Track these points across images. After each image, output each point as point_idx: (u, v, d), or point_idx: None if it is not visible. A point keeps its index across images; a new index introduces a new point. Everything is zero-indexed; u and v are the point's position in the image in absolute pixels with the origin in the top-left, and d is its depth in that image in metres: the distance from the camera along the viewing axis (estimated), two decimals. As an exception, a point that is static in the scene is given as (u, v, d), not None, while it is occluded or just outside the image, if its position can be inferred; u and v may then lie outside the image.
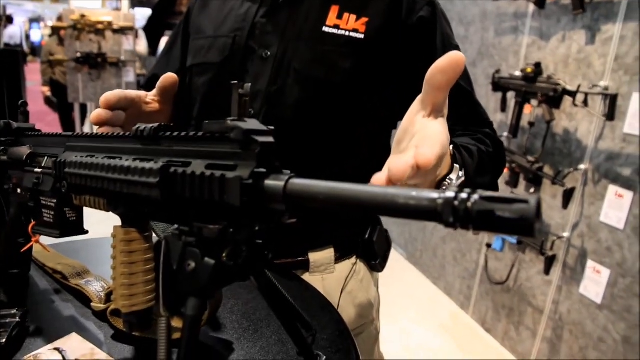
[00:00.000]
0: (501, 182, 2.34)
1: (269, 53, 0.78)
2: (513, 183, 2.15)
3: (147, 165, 0.36)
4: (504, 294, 2.33)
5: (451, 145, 0.58)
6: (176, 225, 0.36)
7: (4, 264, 0.62)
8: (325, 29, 0.77)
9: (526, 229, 0.22)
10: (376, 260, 0.92)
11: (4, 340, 0.49)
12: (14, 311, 0.53)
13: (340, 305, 0.86)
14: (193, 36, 0.89)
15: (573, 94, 1.82)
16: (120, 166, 0.39)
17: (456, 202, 0.23)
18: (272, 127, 0.33)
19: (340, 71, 0.76)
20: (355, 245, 0.90)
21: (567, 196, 1.90)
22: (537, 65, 1.99)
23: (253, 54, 0.79)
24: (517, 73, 2.08)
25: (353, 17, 0.77)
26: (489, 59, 2.46)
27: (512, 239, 2.13)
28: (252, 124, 0.32)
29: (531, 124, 2.07)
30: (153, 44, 6.36)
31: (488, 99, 2.43)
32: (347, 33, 0.76)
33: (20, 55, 2.53)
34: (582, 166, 1.84)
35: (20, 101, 0.65)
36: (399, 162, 0.38)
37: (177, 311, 0.37)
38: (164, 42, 7.39)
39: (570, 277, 1.94)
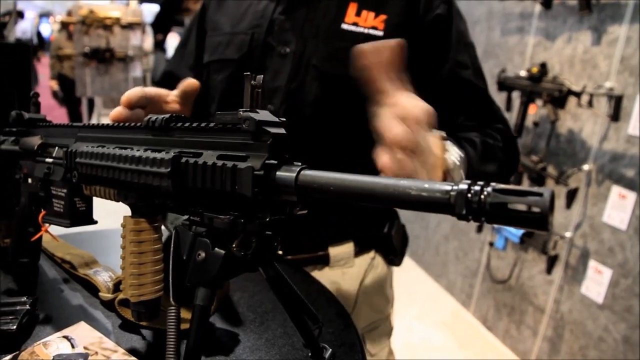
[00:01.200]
0: (505, 181, 2.35)
1: (287, 50, 0.79)
2: (516, 182, 2.15)
3: (159, 155, 0.37)
4: (506, 293, 2.33)
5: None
6: (187, 216, 0.36)
7: (14, 253, 0.63)
8: (343, 26, 0.77)
9: (540, 222, 0.22)
10: (394, 254, 0.93)
11: (14, 327, 0.49)
12: (23, 299, 0.54)
13: (358, 300, 0.87)
14: (210, 33, 0.89)
15: (578, 95, 1.82)
16: (132, 156, 0.40)
17: (469, 194, 0.23)
18: (284, 119, 0.34)
19: None
20: (374, 240, 0.91)
21: (571, 196, 1.90)
22: (543, 66, 1.99)
23: (272, 51, 0.80)
24: (523, 73, 2.08)
25: (371, 14, 0.77)
26: (494, 59, 2.45)
27: (515, 238, 2.13)
28: (264, 115, 0.33)
29: (536, 124, 2.07)
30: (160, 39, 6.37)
31: (493, 98, 2.42)
32: (365, 30, 0.76)
33: (30, 48, 2.53)
34: (585, 166, 1.84)
35: (32, 92, 0.65)
36: (385, 122, 0.40)
37: (186, 301, 0.37)
38: (170, 38, 7.39)
39: (572, 276, 1.94)
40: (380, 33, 0.76)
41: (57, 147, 0.55)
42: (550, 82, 1.95)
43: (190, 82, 0.71)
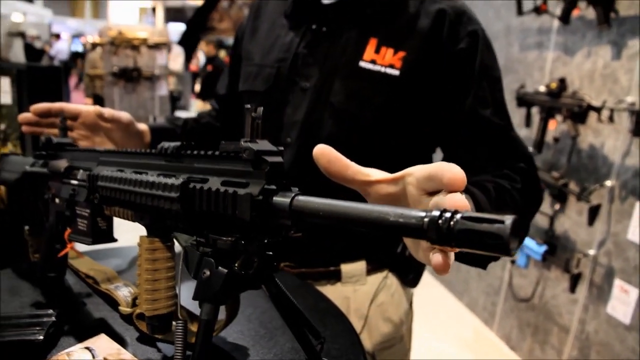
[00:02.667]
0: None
1: (308, 85, 0.82)
2: (538, 199, 2.13)
3: (169, 180, 0.40)
4: (529, 312, 2.28)
5: None
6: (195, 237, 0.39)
7: (43, 268, 0.68)
8: (361, 63, 0.79)
9: (502, 247, 0.24)
10: (408, 275, 0.93)
11: (41, 337, 0.53)
12: (50, 311, 0.58)
13: (369, 317, 0.88)
14: (244, 61, 0.94)
15: (598, 110, 1.80)
16: (146, 181, 0.43)
17: (440, 221, 0.26)
18: (281, 148, 0.36)
19: (373, 107, 0.78)
20: (387, 259, 0.91)
21: (593, 213, 1.87)
22: (562, 81, 1.98)
23: (294, 85, 0.83)
24: (542, 88, 2.07)
25: (390, 51, 0.78)
26: (513, 74, 2.45)
27: (537, 256, 2.10)
28: (263, 144, 0.36)
29: (556, 140, 2.05)
30: (187, 58, 6.58)
31: (513, 114, 2.39)
32: (382, 69, 0.78)
33: (61, 71, 2.66)
34: (608, 182, 1.80)
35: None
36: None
37: (195, 316, 0.40)
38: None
39: (597, 296, 1.90)
40: (396, 72, 0.77)
41: (81, 170, 0.60)
42: (569, 97, 1.93)
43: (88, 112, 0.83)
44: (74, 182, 0.60)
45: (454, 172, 0.35)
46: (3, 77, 1.97)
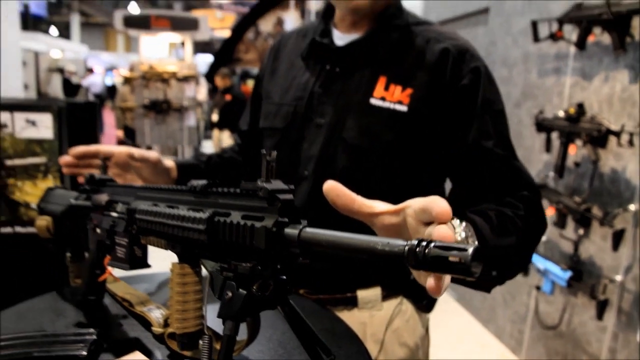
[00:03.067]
0: (549, 223, 2.30)
1: (322, 122, 0.89)
2: (561, 224, 2.12)
3: (197, 214, 0.47)
4: (557, 339, 2.24)
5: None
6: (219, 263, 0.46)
7: (85, 291, 0.75)
8: (372, 101, 0.85)
9: (465, 270, 0.29)
10: (422, 301, 0.97)
11: (85, 353, 0.60)
12: (91, 330, 0.64)
13: (385, 343, 0.92)
14: (264, 100, 1.02)
15: (617, 134, 1.80)
16: (177, 214, 0.50)
17: (417, 249, 0.31)
18: (292, 186, 0.43)
19: (383, 141, 0.84)
20: (402, 286, 0.94)
21: (617, 238, 1.85)
22: (580, 106, 1.99)
23: (310, 122, 0.90)
24: (560, 113, 2.09)
25: (399, 88, 0.84)
26: (533, 100, 2.47)
27: (562, 282, 2.08)
28: (277, 184, 0.42)
29: (577, 164, 2.06)
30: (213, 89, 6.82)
31: (533, 140, 2.43)
32: (391, 105, 0.84)
33: (97, 107, 2.82)
34: (632, 206, 1.79)
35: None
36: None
37: (219, 335, 0.46)
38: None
39: (627, 323, 1.86)
40: (404, 108, 0.83)
41: (120, 204, 0.67)
42: (588, 122, 1.95)
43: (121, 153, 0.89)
44: (114, 214, 0.68)
45: (441, 206, 0.41)
46: (45, 114, 2.13)
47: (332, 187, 0.48)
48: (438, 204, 0.42)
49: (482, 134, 0.81)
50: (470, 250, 0.29)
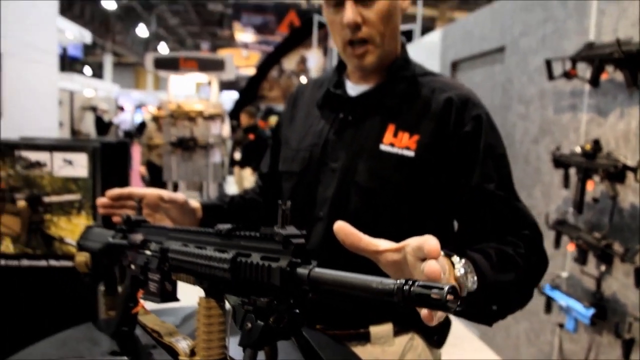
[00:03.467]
0: (569, 258, 2.29)
1: (336, 166, 0.96)
2: (582, 260, 2.10)
3: (223, 255, 0.54)
4: (583, 379, 2.18)
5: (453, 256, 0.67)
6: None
7: (118, 323, 0.82)
8: (382, 147, 0.92)
9: (442, 306, 0.35)
10: (433, 336, 1.00)
11: (119, 379, 0.66)
12: (124, 358, 0.71)
13: None
14: (283, 145, 1.10)
15: (634, 170, 1.82)
16: (205, 254, 0.57)
17: (405, 288, 0.37)
18: (304, 232, 0.49)
19: (392, 184, 0.91)
20: (413, 322, 0.97)
21: None
22: (596, 142, 2.02)
23: (325, 166, 0.98)
24: (577, 149, 2.11)
25: (406, 135, 0.91)
26: (550, 136, 2.51)
27: (585, 319, 2.05)
28: (291, 230, 0.49)
29: (595, 200, 2.06)
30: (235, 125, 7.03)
31: (552, 175, 2.45)
32: (400, 151, 0.91)
33: (128, 146, 2.98)
34: (652, 243, 1.79)
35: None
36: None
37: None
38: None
39: (654, 363, 1.81)
40: (412, 153, 0.90)
41: (154, 243, 0.75)
42: (604, 158, 1.97)
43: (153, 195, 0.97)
44: (148, 252, 0.75)
45: (430, 244, 0.48)
46: (81, 154, 2.27)
47: (341, 227, 0.55)
48: (428, 243, 0.48)
49: (484, 177, 0.87)
50: (447, 287, 0.35)
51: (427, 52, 4.47)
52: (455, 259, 0.66)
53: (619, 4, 2.01)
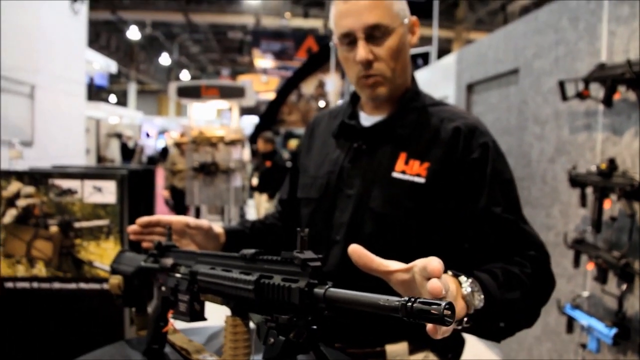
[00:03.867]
0: (589, 277, 2.27)
1: (352, 192, 1.02)
2: (602, 279, 2.09)
3: (248, 277, 0.60)
4: (610, 402, 2.14)
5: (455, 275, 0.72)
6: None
7: (149, 341, 0.88)
8: (394, 174, 0.98)
9: (439, 320, 0.40)
10: (448, 354, 1.04)
11: (154, 393, 0.72)
12: (157, 374, 0.77)
13: None
14: (302, 173, 1.17)
15: (650, 189, 1.82)
16: (231, 277, 0.63)
17: (408, 304, 0.42)
18: (321, 256, 0.55)
19: (404, 209, 0.96)
20: (427, 340, 1.02)
21: (661, 294, 1.82)
22: (612, 161, 2.03)
23: (341, 192, 1.04)
24: (593, 169, 2.12)
25: (417, 162, 0.97)
26: (566, 155, 2.52)
27: (607, 339, 2.02)
28: (308, 254, 0.55)
29: (613, 219, 2.06)
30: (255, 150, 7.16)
31: (570, 195, 2.45)
32: (411, 178, 0.96)
33: (154, 174, 3.10)
34: (673, 262, 1.78)
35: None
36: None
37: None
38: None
39: (681, 384, 1.78)
40: (422, 180, 0.95)
41: (183, 266, 0.81)
42: (620, 176, 1.97)
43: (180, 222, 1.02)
44: (178, 275, 0.82)
45: (432, 265, 0.54)
46: (110, 181, 2.39)
47: (355, 250, 0.61)
48: (431, 263, 0.54)
49: (491, 201, 0.91)
50: (443, 304, 0.40)
51: (443, 74, 4.53)
52: (462, 278, 0.70)
53: (629, 25, 2.05)
